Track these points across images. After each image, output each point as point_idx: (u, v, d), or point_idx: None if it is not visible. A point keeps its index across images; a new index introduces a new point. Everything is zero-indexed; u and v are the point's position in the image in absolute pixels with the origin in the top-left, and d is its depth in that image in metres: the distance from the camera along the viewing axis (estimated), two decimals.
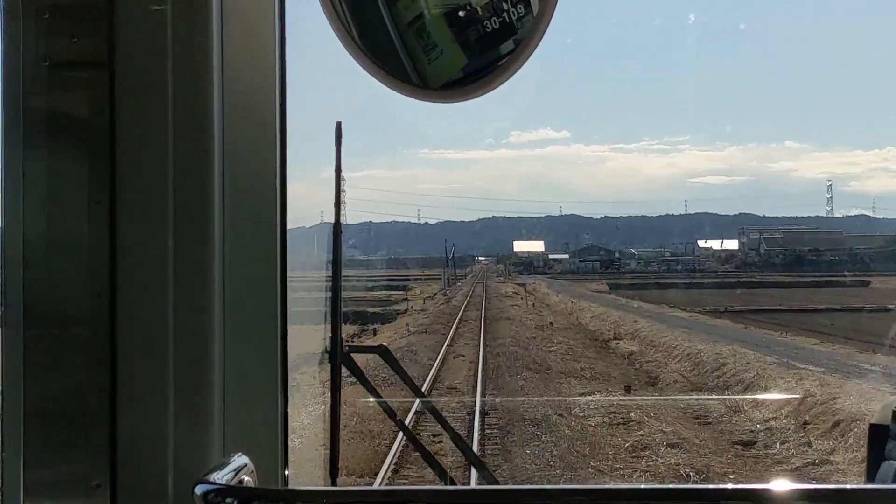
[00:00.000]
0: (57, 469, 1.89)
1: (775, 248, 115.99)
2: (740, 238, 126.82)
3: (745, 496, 1.75)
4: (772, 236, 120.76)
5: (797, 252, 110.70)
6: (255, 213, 1.99)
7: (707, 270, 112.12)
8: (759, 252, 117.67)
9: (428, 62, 1.93)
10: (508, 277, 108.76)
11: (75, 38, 1.89)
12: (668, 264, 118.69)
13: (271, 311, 2.00)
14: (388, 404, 3.41)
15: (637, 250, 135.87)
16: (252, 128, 1.99)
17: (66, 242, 1.90)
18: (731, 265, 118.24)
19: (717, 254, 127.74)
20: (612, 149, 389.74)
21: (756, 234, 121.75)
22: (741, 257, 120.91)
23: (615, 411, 21.30)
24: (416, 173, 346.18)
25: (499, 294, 75.11)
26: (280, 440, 1.98)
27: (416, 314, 53.51)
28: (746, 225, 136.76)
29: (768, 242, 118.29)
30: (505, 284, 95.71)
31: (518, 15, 1.91)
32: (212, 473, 1.70)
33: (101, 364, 1.88)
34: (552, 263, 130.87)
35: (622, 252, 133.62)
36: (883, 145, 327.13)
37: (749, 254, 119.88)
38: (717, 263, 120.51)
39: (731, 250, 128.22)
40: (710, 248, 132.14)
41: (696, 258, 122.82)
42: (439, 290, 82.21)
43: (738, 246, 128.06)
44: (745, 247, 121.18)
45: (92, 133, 1.89)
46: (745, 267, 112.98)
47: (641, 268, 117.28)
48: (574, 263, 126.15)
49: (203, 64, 1.91)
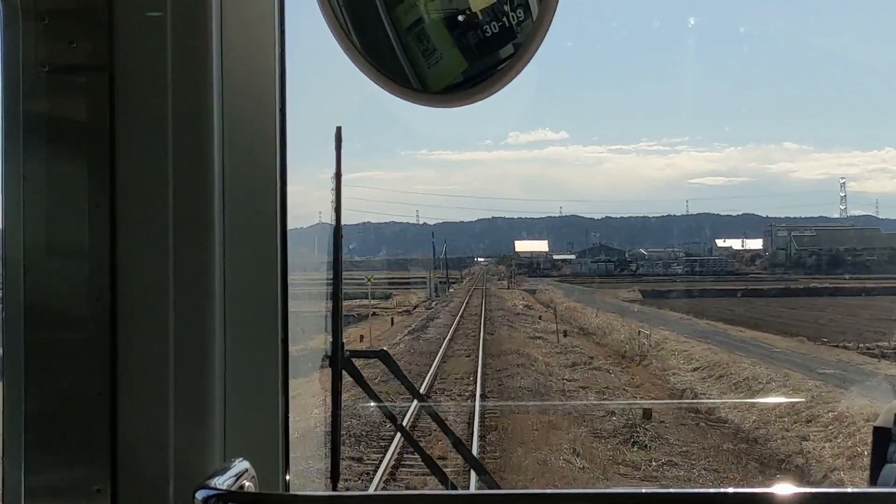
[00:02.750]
0: (58, 473, 2.03)
1: (807, 248, 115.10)
2: (765, 237, 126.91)
3: (747, 500, 1.90)
4: (802, 234, 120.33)
5: (832, 252, 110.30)
6: (254, 217, 2.14)
7: (740, 273, 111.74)
8: (788, 252, 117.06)
9: (427, 66, 2.08)
10: (513, 282, 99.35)
11: (74, 43, 2.03)
12: (690, 265, 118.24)
13: (271, 315, 2.14)
14: (387, 409, 3.59)
15: (647, 250, 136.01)
16: (252, 131, 2.13)
17: (67, 246, 2.05)
18: (759, 266, 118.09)
19: (740, 254, 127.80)
20: (611, 150, 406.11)
21: (784, 231, 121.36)
22: (769, 257, 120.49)
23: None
24: (415, 174, 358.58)
25: (504, 309, 57.82)
26: (281, 445, 2.12)
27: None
28: (748, 224, 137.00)
29: (799, 241, 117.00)
30: (510, 292, 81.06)
31: (518, 19, 2.05)
32: (213, 478, 1.83)
33: (102, 368, 2.02)
34: (559, 264, 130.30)
35: (631, 252, 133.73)
36: (882, 146, 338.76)
37: (778, 254, 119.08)
38: (743, 264, 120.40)
39: (755, 250, 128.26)
40: (731, 248, 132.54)
41: (721, 258, 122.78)
42: (422, 302, 67.19)
43: (762, 245, 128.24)
44: (773, 246, 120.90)
45: (92, 137, 2.03)
46: (777, 268, 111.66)
47: (661, 270, 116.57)
48: (584, 265, 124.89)
49: (202, 68, 2.06)
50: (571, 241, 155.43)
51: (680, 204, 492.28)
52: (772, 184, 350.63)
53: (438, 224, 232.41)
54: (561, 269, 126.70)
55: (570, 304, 62.44)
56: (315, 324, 5.11)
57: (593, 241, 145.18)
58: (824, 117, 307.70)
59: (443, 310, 59.25)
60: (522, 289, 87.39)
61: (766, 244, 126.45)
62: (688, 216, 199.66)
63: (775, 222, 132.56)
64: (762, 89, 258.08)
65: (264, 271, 2.16)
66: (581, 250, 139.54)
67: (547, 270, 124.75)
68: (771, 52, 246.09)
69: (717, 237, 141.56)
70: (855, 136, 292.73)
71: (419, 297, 71.86)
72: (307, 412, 14.09)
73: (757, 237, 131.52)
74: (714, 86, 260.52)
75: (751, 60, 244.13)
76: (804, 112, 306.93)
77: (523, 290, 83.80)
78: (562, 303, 62.63)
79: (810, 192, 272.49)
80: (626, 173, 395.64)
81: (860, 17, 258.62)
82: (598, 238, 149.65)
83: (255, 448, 2.08)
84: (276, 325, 2.15)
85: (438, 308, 61.36)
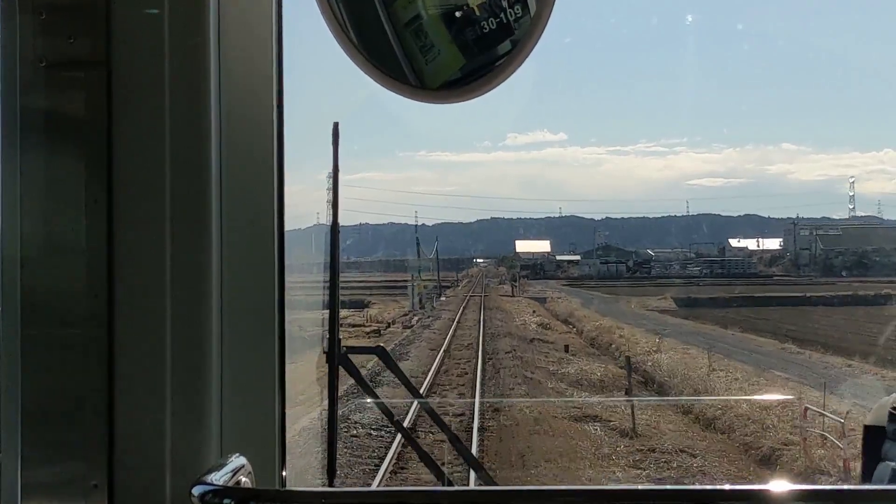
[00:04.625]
0: (54, 469, 2.13)
1: (834, 248, 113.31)
2: (786, 236, 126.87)
3: (743, 497, 2.00)
4: (826, 233, 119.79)
5: (859, 251, 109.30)
6: (252, 214, 2.23)
7: (764, 274, 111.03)
8: (813, 252, 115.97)
9: (425, 63, 2.19)
10: (516, 286, 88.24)
11: (72, 39, 2.13)
12: (708, 266, 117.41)
13: (268, 312, 2.24)
14: (385, 405, 3.72)
15: (654, 251, 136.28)
16: (249, 128, 2.23)
17: (64, 242, 2.14)
18: (781, 267, 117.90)
19: (757, 254, 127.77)
20: (609, 151, 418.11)
21: (807, 230, 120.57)
22: (791, 258, 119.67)
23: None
24: (413, 175, 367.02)
25: (512, 332, 42.02)
26: (277, 441, 2.22)
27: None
28: (750, 225, 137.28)
29: (824, 240, 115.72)
30: (516, 302, 67.76)
31: (515, 15, 2.16)
32: (209, 474, 1.93)
33: (99, 364, 2.11)
34: (564, 266, 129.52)
35: (638, 253, 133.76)
36: (880, 147, 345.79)
37: (801, 254, 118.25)
38: (764, 265, 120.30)
39: (774, 250, 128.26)
40: (746, 248, 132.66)
41: (740, 259, 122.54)
42: (401, 317, 54.04)
43: (780, 245, 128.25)
44: (797, 246, 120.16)
45: (89, 133, 2.13)
46: (802, 269, 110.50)
47: (676, 271, 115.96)
48: (593, 266, 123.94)
49: (200, 64, 2.15)
50: (574, 241, 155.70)
51: (680, 204, 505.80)
52: (770, 185, 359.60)
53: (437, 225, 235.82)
54: (567, 271, 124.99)
55: (597, 319, 48.58)
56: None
57: (599, 240, 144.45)
58: (823, 118, 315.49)
59: (424, 332, 43.77)
60: (529, 296, 76.44)
61: (785, 244, 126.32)
62: (689, 216, 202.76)
63: (767, 224, 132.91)
64: (761, 90, 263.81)
65: (261, 268, 2.26)
66: (586, 250, 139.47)
67: (552, 272, 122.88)
68: (770, 52, 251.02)
69: (718, 237, 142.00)
70: (854, 137, 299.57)
71: (401, 306, 58.69)
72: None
73: (775, 236, 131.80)
74: (713, 86, 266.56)
75: (750, 60, 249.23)
76: (803, 113, 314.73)
77: (531, 299, 72.06)
78: (585, 317, 49.51)
79: (809, 192, 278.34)
80: (625, 174, 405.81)
81: (859, 17, 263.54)
82: (604, 237, 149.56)
83: (251, 444, 2.18)
84: (272, 321, 2.26)
85: (419, 329, 45.77)
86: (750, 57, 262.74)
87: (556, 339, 40.93)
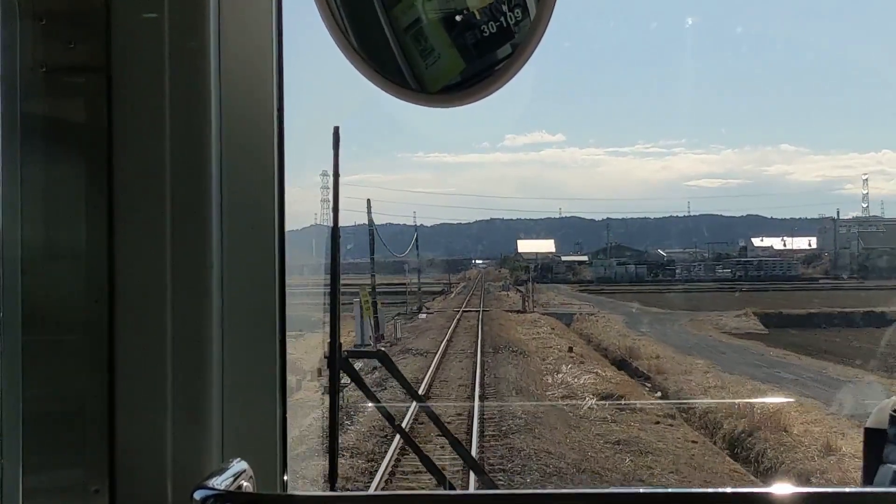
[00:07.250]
0: (55, 475, 2.26)
1: (878, 247, 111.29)
2: (820, 235, 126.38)
3: (745, 500, 2.15)
4: (867, 231, 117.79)
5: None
6: (252, 218, 2.36)
7: (807, 277, 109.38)
8: (853, 251, 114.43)
9: (425, 67, 2.33)
10: (528, 297, 69.51)
11: (72, 44, 2.26)
12: (744, 268, 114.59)
13: (269, 316, 2.37)
14: (386, 409, 3.90)
15: (665, 251, 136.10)
16: (249, 132, 2.36)
17: (64, 247, 2.28)
18: (819, 268, 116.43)
19: (789, 254, 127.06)
20: (607, 152, 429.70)
21: (844, 228, 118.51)
22: (830, 258, 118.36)
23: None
24: (412, 177, 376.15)
25: (546, 436, 22.04)
26: (279, 445, 2.34)
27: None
28: (753, 225, 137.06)
29: (866, 239, 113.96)
30: (529, 325, 50.85)
31: (515, 19, 2.29)
32: (211, 479, 2.04)
33: (100, 369, 2.24)
34: (575, 267, 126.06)
35: (649, 253, 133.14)
36: (878, 148, 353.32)
37: (840, 253, 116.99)
38: (802, 266, 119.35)
39: (808, 249, 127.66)
40: (771, 247, 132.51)
41: (782, 261, 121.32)
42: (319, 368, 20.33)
43: (811, 244, 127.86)
44: (837, 245, 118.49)
45: (89, 138, 2.26)
46: (843, 270, 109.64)
47: (704, 273, 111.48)
48: (607, 267, 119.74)
49: (200, 69, 2.29)
50: (579, 240, 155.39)
51: (680, 204, 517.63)
52: (769, 185, 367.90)
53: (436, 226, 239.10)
54: (579, 273, 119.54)
55: (680, 359, 33.61)
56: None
57: (606, 241, 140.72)
58: (821, 120, 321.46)
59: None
60: (545, 312, 59.52)
61: (821, 242, 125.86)
62: (691, 217, 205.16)
63: (769, 224, 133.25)
64: (759, 91, 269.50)
65: (262, 272, 2.39)
66: (595, 250, 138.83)
67: (562, 275, 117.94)
68: (768, 54, 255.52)
69: (725, 237, 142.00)
70: (852, 138, 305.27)
71: (351, 336, 36.90)
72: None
73: (809, 234, 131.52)
74: (711, 88, 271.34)
75: (748, 62, 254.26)
76: (801, 114, 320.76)
77: (549, 316, 55.52)
78: (652, 352, 34.70)
79: (808, 192, 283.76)
80: (624, 175, 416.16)
81: (858, 19, 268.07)
82: (612, 237, 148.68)
83: (252, 449, 2.30)
84: (273, 325, 2.40)
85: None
86: (748, 59, 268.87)
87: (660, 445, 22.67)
